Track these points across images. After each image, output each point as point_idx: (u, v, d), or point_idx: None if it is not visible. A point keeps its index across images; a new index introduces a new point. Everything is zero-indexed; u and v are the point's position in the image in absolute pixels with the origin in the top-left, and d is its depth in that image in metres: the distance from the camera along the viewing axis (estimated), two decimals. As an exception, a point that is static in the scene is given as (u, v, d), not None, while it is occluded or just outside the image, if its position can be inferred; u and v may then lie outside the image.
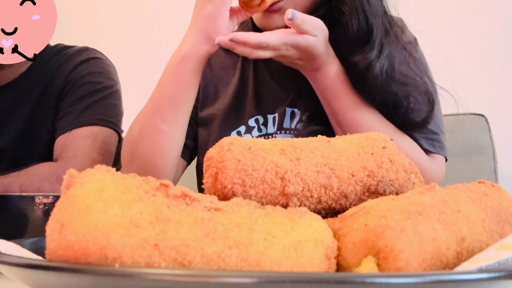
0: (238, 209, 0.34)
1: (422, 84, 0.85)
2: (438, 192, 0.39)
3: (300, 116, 0.93)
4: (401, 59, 0.86)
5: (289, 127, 0.93)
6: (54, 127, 1.16)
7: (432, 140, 0.90)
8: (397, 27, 0.90)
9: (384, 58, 0.82)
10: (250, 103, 0.98)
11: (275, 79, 0.99)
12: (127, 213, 0.29)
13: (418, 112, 0.85)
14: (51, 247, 0.29)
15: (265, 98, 0.98)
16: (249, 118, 0.96)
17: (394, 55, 0.84)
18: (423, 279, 0.27)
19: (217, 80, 1.02)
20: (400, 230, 0.32)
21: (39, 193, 0.58)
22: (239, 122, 0.96)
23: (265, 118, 0.96)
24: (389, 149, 0.45)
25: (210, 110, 1.00)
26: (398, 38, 0.87)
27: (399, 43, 0.87)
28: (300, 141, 0.44)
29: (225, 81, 1.02)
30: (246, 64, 1.02)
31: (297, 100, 0.94)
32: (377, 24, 0.84)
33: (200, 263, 0.30)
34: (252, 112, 0.96)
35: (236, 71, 1.02)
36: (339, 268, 0.35)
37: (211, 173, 0.40)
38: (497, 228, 0.38)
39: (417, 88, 0.85)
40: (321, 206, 0.42)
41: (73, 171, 0.32)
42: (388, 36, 0.85)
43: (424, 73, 0.89)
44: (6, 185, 1.01)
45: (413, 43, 0.96)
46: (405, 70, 0.85)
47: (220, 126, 0.97)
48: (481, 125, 1.37)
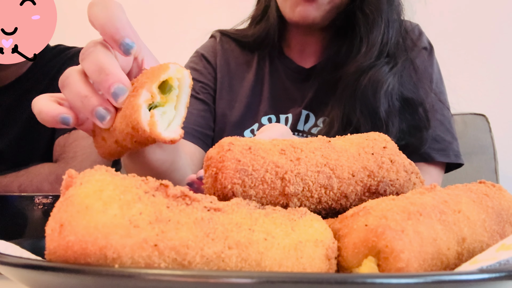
0: (238, 209, 0.34)
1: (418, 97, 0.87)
2: (439, 192, 0.38)
3: (315, 121, 0.93)
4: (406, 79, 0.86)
5: (302, 130, 0.94)
6: (54, 128, 1.16)
7: (444, 150, 0.90)
8: (410, 38, 0.90)
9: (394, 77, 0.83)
10: (265, 101, 0.98)
11: (290, 79, 0.99)
12: (127, 214, 0.29)
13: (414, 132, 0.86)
14: (50, 248, 0.29)
15: (279, 97, 0.98)
16: (263, 116, 0.96)
17: (401, 73, 0.85)
18: (424, 280, 0.27)
19: (232, 74, 1.02)
20: (400, 231, 0.32)
21: (38, 193, 0.58)
22: (253, 121, 0.97)
23: (278, 118, 0.96)
24: (389, 149, 0.45)
25: (224, 103, 1.00)
26: (407, 52, 0.87)
27: (409, 57, 0.87)
28: (300, 141, 0.43)
29: (239, 76, 1.02)
30: (262, 62, 1.02)
31: (313, 104, 0.94)
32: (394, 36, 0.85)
33: (200, 264, 0.30)
34: (266, 110, 0.97)
35: (251, 68, 1.02)
36: (339, 269, 0.35)
37: (211, 173, 0.40)
38: (497, 228, 0.38)
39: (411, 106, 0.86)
40: (321, 207, 0.42)
41: (73, 172, 0.32)
42: (400, 50, 0.86)
43: (428, 86, 0.90)
44: (5, 185, 1.01)
45: (428, 50, 0.96)
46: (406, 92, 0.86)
47: (234, 123, 0.97)
48: (482, 125, 1.37)
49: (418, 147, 0.86)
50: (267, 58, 1.01)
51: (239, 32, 1.06)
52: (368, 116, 0.83)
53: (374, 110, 0.82)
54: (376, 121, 0.83)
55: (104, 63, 0.43)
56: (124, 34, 0.43)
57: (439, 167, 0.92)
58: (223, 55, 1.04)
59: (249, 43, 1.03)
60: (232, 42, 1.06)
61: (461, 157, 0.92)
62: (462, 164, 0.92)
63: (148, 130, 0.40)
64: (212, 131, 0.99)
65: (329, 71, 0.91)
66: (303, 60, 1.00)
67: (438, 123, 0.91)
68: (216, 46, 1.05)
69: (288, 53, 1.02)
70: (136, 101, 0.40)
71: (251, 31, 1.03)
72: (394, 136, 0.83)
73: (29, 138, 1.17)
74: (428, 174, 0.90)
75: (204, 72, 1.03)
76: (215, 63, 1.04)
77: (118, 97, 0.42)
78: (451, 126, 0.93)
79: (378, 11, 0.84)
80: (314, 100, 0.94)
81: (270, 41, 1.00)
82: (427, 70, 0.93)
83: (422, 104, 0.87)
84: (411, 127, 0.86)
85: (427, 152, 0.89)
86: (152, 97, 0.41)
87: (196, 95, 1.00)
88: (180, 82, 0.44)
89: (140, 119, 0.39)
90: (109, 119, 0.43)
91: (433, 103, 0.90)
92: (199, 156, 0.93)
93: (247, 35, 1.03)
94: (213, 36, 1.09)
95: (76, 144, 1.10)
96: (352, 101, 0.84)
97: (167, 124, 0.43)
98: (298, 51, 1.01)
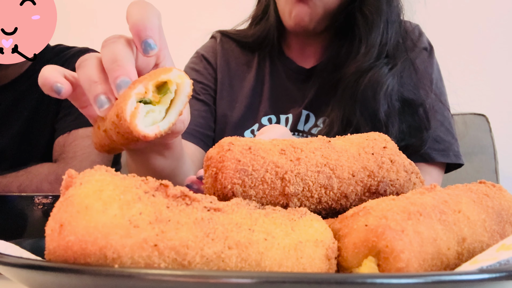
0: (238, 210, 0.34)
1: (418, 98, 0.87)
2: (439, 193, 0.38)
3: (315, 121, 0.93)
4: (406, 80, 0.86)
5: (303, 130, 0.94)
6: (54, 127, 1.16)
7: (444, 150, 0.90)
8: (410, 38, 0.90)
9: (393, 78, 0.83)
10: (265, 101, 0.98)
11: (291, 80, 0.99)
12: (127, 214, 0.29)
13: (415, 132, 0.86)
14: (50, 248, 0.29)
15: (280, 98, 0.98)
16: (263, 116, 0.96)
17: (401, 74, 0.85)
18: (424, 280, 0.27)
19: (232, 74, 1.03)
20: (400, 231, 0.32)
21: (38, 193, 0.58)
22: (253, 121, 0.97)
23: (278, 118, 0.96)
24: (389, 149, 0.45)
25: (225, 103, 1.00)
26: (407, 52, 0.87)
27: (408, 58, 0.87)
28: (300, 141, 0.43)
29: (240, 76, 1.02)
30: (262, 62, 1.02)
31: (313, 104, 0.94)
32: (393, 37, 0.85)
33: (200, 264, 0.30)
34: (266, 110, 0.97)
35: (252, 69, 1.02)
36: (339, 269, 0.35)
37: (211, 173, 0.40)
38: (498, 228, 0.38)
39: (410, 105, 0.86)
40: (322, 207, 0.42)
41: (72, 172, 0.32)
42: (400, 50, 0.86)
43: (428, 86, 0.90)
44: (5, 185, 1.01)
45: (428, 50, 0.96)
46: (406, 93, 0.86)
47: (235, 124, 0.97)
48: (482, 125, 1.37)
49: (419, 147, 0.86)
50: (268, 59, 1.01)
51: (239, 33, 1.06)
52: (368, 117, 0.83)
53: (374, 111, 0.83)
54: (375, 123, 0.83)
55: (119, 55, 0.44)
56: (150, 34, 0.45)
57: (439, 167, 0.92)
58: (223, 55, 1.04)
59: (249, 43, 1.03)
60: (232, 42, 1.06)
61: (461, 158, 0.92)
62: (462, 165, 0.92)
63: (128, 119, 0.40)
64: (212, 132, 0.99)
65: (329, 71, 0.91)
66: (304, 60, 1.00)
67: (439, 123, 0.91)
68: (216, 46, 1.06)
69: (289, 54, 1.02)
70: (128, 91, 0.41)
71: (251, 31, 1.03)
72: (394, 137, 0.83)
73: (29, 137, 1.17)
74: (429, 175, 0.90)
75: (205, 72, 1.03)
76: (216, 64, 1.04)
77: (121, 89, 0.43)
78: (451, 127, 0.93)
79: (377, 12, 0.85)
80: (314, 100, 0.94)
81: (270, 41, 1.00)
82: (427, 70, 0.93)
83: (422, 105, 0.87)
84: (411, 127, 0.86)
85: (427, 152, 0.89)
86: (146, 92, 0.42)
87: (196, 96, 1.00)
88: (178, 88, 0.44)
89: (126, 107, 0.40)
90: (107, 107, 0.44)
91: (433, 103, 0.90)
92: (199, 157, 0.94)
93: (247, 36, 1.04)
94: (214, 36, 1.09)
95: (76, 144, 1.10)
96: (352, 102, 0.84)
97: (151, 123, 0.43)
98: (298, 52, 1.01)
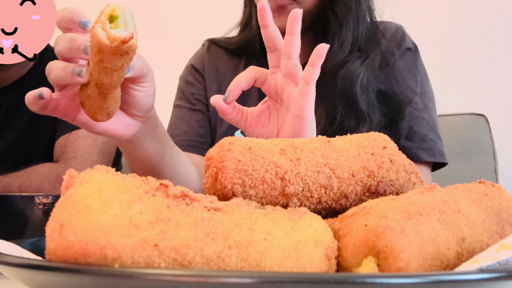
0: (238, 209, 0.34)
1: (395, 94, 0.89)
2: (439, 192, 0.39)
3: None
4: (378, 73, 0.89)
5: None
6: (55, 128, 1.16)
7: (431, 150, 0.91)
8: (382, 34, 0.93)
9: (366, 70, 0.86)
10: (254, 103, 0.98)
11: None
12: (127, 213, 0.29)
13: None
14: (50, 248, 0.29)
15: None
16: None
17: (373, 66, 0.88)
18: (424, 280, 0.27)
19: (220, 79, 1.05)
20: (400, 230, 0.32)
21: (38, 193, 0.58)
22: None
23: None
24: (389, 149, 0.45)
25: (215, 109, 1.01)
26: (379, 45, 0.92)
27: (379, 51, 0.90)
28: (300, 141, 0.43)
29: (228, 81, 1.02)
30: (249, 65, 1.03)
31: None
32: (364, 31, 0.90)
33: (200, 264, 0.30)
34: None
35: (239, 73, 1.03)
36: (339, 269, 0.35)
37: (211, 173, 0.40)
38: (497, 228, 0.38)
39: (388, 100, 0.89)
40: (321, 206, 0.42)
41: (73, 171, 0.32)
42: (371, 43, 0.89)
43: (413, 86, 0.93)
44: (5, 185, 1.01)
45: (413, 50, 0.98)
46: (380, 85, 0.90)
47: (227, 127, 0.98)
48: (481, 125, 1.37)
49: (396, 139, 0.88)
50: (254, 63, 1.03)
51: (226, 40, 1.10)
52: (350, 109, 0.86)
53: (354, 102, 0.86)
54: (358, 113, 0.86)
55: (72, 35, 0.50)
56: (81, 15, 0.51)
57: (427, 166, 0.94)
58: (211, 62, 1.07)
59: (234, 49, 1.06)
60: (220, 49, 1.09)
61: (446, 157, 0.94)
62: (446, 164, 0.94)
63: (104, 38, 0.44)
64: (210, 139, 1.02)
65: None
66: None
67: (425, 123, 0.93)
68: (204, 55, 1.09)
69: None
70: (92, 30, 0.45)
71: (235, 39, 1.07)
72: (375, 128, 0.86)
73: (30, 138, 1.17)
74: None
75: (195, 83, 1.06)
76: (204, 71, 1.07)
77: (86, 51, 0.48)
78: (436, 126, 0.95)
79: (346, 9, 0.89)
80: None
81: (253, 47, 1.02)
82: (412, 70, 0.95)
83: (396, 96, 0.90)
84: (388, 119, 0.89)
85: (415, 152, 0.90)
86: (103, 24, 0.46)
87: (192, 107, 1.03)
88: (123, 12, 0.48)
89: (98, 33, 0.45)
90: (84, 71, 0.49)
91: (417, 103, 0.91)
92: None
93: (232, 43, 1.07)
94: (203, 44, 1.13)
95: (77, 144, 1.10)
96: (332, 96, 0.87)
97: None
98: None
